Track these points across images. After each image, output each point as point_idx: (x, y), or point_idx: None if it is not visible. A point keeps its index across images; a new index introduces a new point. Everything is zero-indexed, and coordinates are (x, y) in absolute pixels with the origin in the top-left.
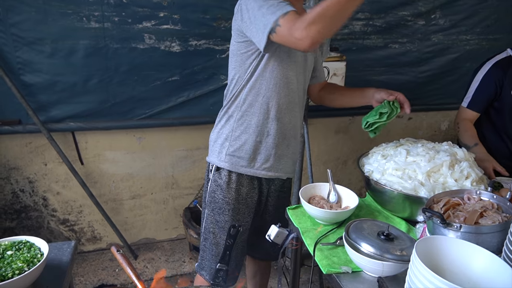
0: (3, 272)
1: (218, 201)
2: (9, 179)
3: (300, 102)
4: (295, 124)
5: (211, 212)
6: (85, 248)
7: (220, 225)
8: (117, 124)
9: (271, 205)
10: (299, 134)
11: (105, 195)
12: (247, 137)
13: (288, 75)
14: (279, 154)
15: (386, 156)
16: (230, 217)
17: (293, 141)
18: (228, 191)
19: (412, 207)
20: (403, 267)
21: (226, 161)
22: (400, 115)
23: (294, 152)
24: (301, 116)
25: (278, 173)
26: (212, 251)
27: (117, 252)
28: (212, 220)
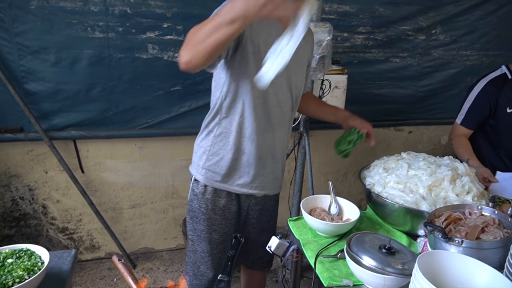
0: (3, 280)
1: (195, 210)
2: (9, 186)
3: (282, 122)
4: (271, 144)
5: (190, 220)
6: (83, 257)
7: (197, 233)
8: (118, 133)
9: (253, 217)
10: (279, 153)
11: (105, 203)
12: (224, 154)
13: (264, 96)
14: (254, 173)
15: (387, 169)
16: (205, 227)
17: (270, 160)
18: (204, 201)
19: (413, 221)
20: (404, 281)
21: (202, 174)
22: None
23: (272, 170)
24: (283, 135)
25: (253, 190)
26: (190, 258)
27: (119, 262)
28: (191, 227)
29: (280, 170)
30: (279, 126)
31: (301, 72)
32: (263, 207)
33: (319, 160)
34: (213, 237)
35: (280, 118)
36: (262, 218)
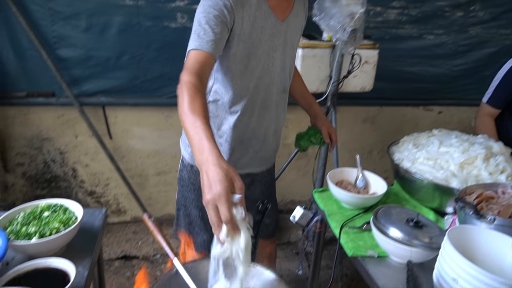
0: (41, 231)
1: (185, 180)
2: (42, 149)
3: (269, 104)
4: (256, 127)
5: (181, 188)
6: (110, 220)
7: (189, 201)
8: (146, 101)
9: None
10: (269, 133)
11: (132, 170)
12: None
13: (245, 81)
14: (236, 156)
15: (417, 145)
16: (196, 195)
17: (254, 142)
18: (193, 173)
19: (442, 198)
20: (431, 255)
21: (188, 153)
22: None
23: (258, 151)
24: (272, 116)
25: (244, 169)
26: (185, 220)
27: (149, 219)
28: (182, 194)
29: (267, 149)
30: (266, 109)
31: (294, 51)
32: (252, 181)
33: (344, 136)
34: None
35: (267, 102)
36: (254, 191)
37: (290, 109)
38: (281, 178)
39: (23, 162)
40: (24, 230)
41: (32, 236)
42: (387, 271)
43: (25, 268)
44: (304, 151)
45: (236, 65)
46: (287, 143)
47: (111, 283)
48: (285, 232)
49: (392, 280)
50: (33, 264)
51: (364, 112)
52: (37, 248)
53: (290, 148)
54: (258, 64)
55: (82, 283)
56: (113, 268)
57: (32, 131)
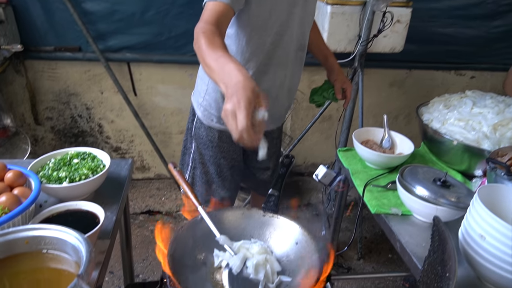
0: (71, 176)
1: (202, 137)
2: (69, 104)
3: (284, 62)
4: (270, 86)
5: (198, 146)
6: (134, 176)
7: (207, 158)
8: (170, 58)
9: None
10: (282, 92)
11: (156, 127)
12: (218, 96)
13: (263, 37)
14: None
15: (448, 106)
16: (214, 152)
17: (270, 101)
18: (210, 130)
19: (471, 160)
20: (456, 215)
21: (201, 111)
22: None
23: (269, 108)
24: (287, 74)
25: None
26: (202, 179)
27: (174, 169)
28: (199, 152)
29: (279, 108)
30: (282, 66)
31: (314, 8)
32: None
33: (369, 100)
34: (222, 162)
35: (284, 59)
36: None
37: (315, 70)
38: (303, 140)
39: (52, 117)
40: (55, 174)
41: (63, 180)
42: (411, 228)
43: (58, 209)
44: (320, 107)
45: (255, 20)
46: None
47: (136, 235)
48: (306, 194)
49: (415, 238)
50: (65, 206)
51: (392, 76)
52: (67, 191)
53: (314, 110)
54: (277, 19)
55: (110, 226)
56: (137, 222)
57: (60, 85)
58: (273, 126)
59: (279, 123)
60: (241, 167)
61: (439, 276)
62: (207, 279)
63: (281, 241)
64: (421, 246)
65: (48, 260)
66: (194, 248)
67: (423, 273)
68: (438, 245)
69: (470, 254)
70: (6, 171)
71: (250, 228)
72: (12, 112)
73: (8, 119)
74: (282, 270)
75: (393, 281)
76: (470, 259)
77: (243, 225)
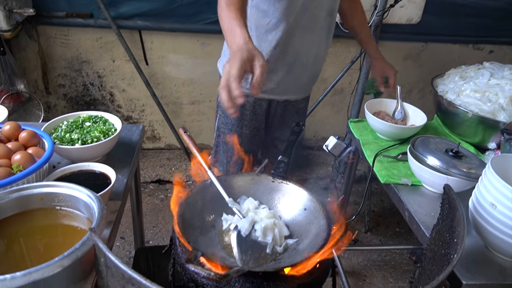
0: (83, 138)
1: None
2: (81, 71)
3: (313, 27)
4: (298, 51)
5: (222, 113)
6: (145, 145)
7: (229, 127)
8: (182, 26)
9: (276, 117)
10: (310, 59)
11: (166, 97)
12: None
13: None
14: (277, 80)
15: (465, 77)
16: (236, 121)
17: (297, 67)
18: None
19: (485, 132)
20: (468, 185)
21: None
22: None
23: (298, 77)
24: (314, 40)
25: (274, 95)
26: (224, 148)
27: (185, 134)
28: (223, 121)
29: (307, 76)
30: (310, 31)
31: None
32: (284, 110)
33: None
34: (243, 131)
35: (312, 23)
36: (282, 124)
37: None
38: (314, 113)
39: (64, 84)
40: (67, 136)
41: (75, 142)
42: (420, 198)
43: (71, 169)
44: (376, 97)
45: None
46: (323, 78)
47: (146, 203)
48: (314, 168)
49: (424, 208)
50: (78, 166)
51: (407, 48)
52: (80, 153)
53: (326, 83)
54: None
55: (121, 188)
56: (148, 190)
57: (72, 52)
58: (300, 95)
59: (305, 92)
60: (262, 137)
61: (446, 243)
62: (216, 241)
63: (290, 207)
64: (430, 215)
65: (61, 216)
66: (203, 211)
67: (430, 241)
68: (448, 212)
69: (480, 223)
70: (20, 131)
71: (259, 194)
72: (26, 78)
73: (22, 85)
74: (290, 234)
75: (399, 254)
76: (480, 228)
77: (252, 190)
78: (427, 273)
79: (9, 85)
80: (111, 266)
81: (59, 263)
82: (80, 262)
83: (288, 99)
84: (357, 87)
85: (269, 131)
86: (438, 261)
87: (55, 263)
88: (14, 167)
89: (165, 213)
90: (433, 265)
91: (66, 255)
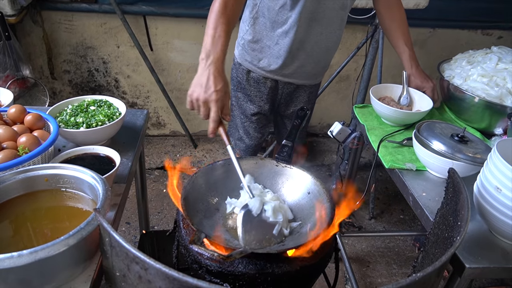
0: (88, 122)
1: (234, 78)
2: (86, 57)
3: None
4: (305, 40)
5: (233, 87)
6: (150, 132)
7: (236, 101)
8: (187, 11)
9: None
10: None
11: (171, 83)
12: (259, 37)
13: None
14: (281, 63)
15: (472, 62)
16: (242, 95)
17: (301, 55)
18: (240, 71)
19: (492, 117)
20: (473, 170)
21: (238, 50)
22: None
23: (303, 64)
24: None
25: (278, 76)
26: (233, 122)
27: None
28: (233, 94)
29: (314, 66)
30: (317, 21)
31: None
32: (292, 92)
33: (389, 60)
34: (247, 107)
35: (319, 14)
36: (290, 104)
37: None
38: (319, 100)
39: (69, 70)
40: (72, 120)
41: (80, 125)
42: (425, 183)
43: (76, 152)
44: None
45: None
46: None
47: (152, 189)
48: (319, 155)
49: (428, 192)
50: (83, 149)
51: (414, 34)
52: (84, 136)
53: (331, 70)
54: None
55: (126, 172)
56: (153, 177)
57: (77, 38)
58: (308, 82)
59: (314, 80)
60: (268, 116)
61: (450, 226)
62: (220, 224)
63: (293, 191)
64: (434, 200)
65: (66, 198)
66: (207, 194)
67: (434, 225)
68: (452, 196)
69: (485, 207)
70: (25, 114)
71: (263, 177)
72: (31, 64)
73: (27, 70)
74: (294, 218)
75: (403, 241)
76: (484, 212)
77: (256, 174)
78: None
79: (15, 71)
80: (115, 246)
81: (65, 242)
82: (85, 241)
83: (293, 83)
84: (362, 74)
85: (279, 110)
86: (441, 245)
87: (61, 242)
88: (20, 149)
89: (169, 199)
90: (436, 249)
91: (72, 234)
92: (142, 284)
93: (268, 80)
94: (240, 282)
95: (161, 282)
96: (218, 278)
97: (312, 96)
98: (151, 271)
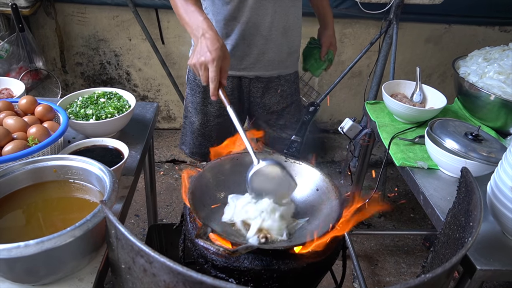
0: (98, 114)
1: (191, 82)
2: (98, 50)
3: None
4: (258, 22)
5: (190, 91)
6: (161, 125)
7: (194, 106)
8: None
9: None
10: (274, 32)
11: (182, 77)
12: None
13: None
14: (238, 54)
15: (489, 59)
16: (201, 99)
17: (258, 40)
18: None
19: (508, 116)
20: (487, 170)
21: (192, 50)
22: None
23: (263, 51)
24: (277, 9)
25: (241, 72)
26: (190, 129)
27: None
28: (190, 99)
29: (276, 51)
30: (273, 1)
31: None
32: (266, 87)
33: (402, 56)
34: (209, 109)
35: None
36: (269, 99)
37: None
38: (330, 96)
39: (82, 62)
40: (82, 111)
41: (90, 117)
42: (436, 182)
43: (85, 144)
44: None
45: None
46: (340, 60)
47: (161, 182)
48: (329, 151)
49: (439, 192)
50: (92, 141)
51: (429, 31)
52: (94, 128)
53: (344, 66)
54: None
55: (135, 164)
56: (162, 170)
57: (89, 31)
58: (275, 72)
59: (284, 70)
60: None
61: (461, 227)
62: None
63: (302, 187)
64: (446, 199)
65: (74, 189)
66: (214, 188)
67: (445, 225)
68: (464, 196)
69: (498, 207)
70: (36, 105)
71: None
72: (44, 56)
73: (40, 62)
74: (302, 214)
75: (413, 240)
76: (498, 212)
77: None
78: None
79: (28, 62)
80: (121, 238)
81: (71, 233)
82: (92, 233)
83: (259, 76)
84: (375, 70)
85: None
86: (452, 245)
87: (67, 233)
88: (30, 140)
89: (179, 192)
90: (446, 249)
91: (78, 226)
92: (147, 277)
93: (229, 79)
94: (245, 278)
95: (165, 276)
96: (223, 273)
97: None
98: (156, 265)
